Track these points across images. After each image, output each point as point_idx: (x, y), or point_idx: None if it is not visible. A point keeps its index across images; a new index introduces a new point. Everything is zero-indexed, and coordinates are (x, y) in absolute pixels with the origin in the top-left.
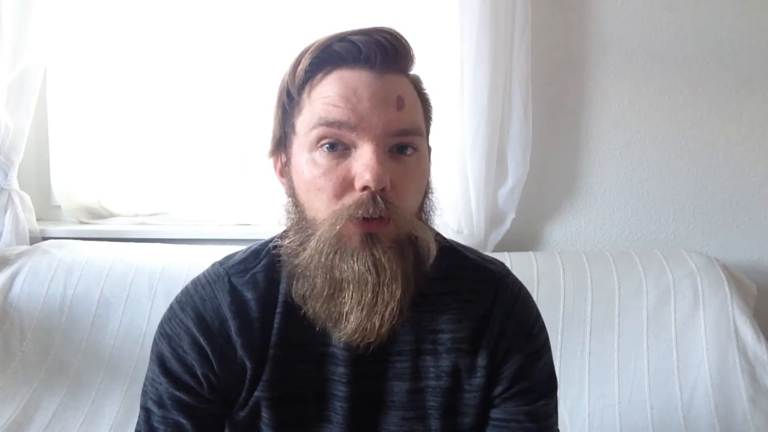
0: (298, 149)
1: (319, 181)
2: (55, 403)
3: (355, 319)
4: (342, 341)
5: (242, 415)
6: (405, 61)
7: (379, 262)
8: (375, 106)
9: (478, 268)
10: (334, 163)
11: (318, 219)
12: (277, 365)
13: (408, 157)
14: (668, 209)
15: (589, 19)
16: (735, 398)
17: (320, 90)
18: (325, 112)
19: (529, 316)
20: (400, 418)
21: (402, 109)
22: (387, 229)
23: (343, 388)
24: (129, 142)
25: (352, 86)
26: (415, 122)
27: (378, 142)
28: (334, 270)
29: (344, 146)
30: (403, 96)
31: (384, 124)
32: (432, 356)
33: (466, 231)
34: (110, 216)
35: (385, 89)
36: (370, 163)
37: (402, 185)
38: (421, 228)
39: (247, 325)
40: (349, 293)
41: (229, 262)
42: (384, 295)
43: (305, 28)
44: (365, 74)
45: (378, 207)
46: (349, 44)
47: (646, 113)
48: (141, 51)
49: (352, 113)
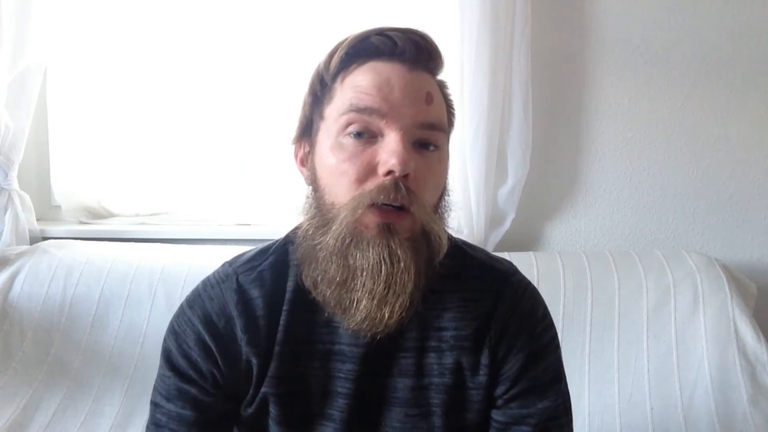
0: (325, 135)
1: (343, 165)
2: (55, 403)
3: (365, 308)
4: (349, 331)
5: (250, 412)
6: (435, 63)
7: (395, 253)
8: (406, 97)
9: (485, 266)
10: (360, 149)
11: (337, 203)
12: (282, 361)
13: (430, 153)
14: (668, 209)
15: (589, 19)
16: (735, 398)
17: (353, 78)
18: (356, 99)
19: (533, 315)
20: (404, 415)
21: (431, 104)
22: (404, 221)
23: (348, 385)
24: (129, 142)
25: (385, 77)
26: (441, 119)
27: (405, 131)
28: (349, 257)
29: (371, 134)
30: (432, 93)
31: (413, 114)
32: (436, 353)
33: (466, 231)
34: (110, 216)
35: (416, 83)
36: (397, 148)
37: (423, 178)
38: (436, 222)
39: (253, 322)
40: (362, 281)
41: (237, 262)
42: (396, 286)
43: (305, 28)
44: (399, 67)
45: (400, 193)
46: (386, 38)
47: (646, 113)
48: (141, 51)
49: (383, 102)
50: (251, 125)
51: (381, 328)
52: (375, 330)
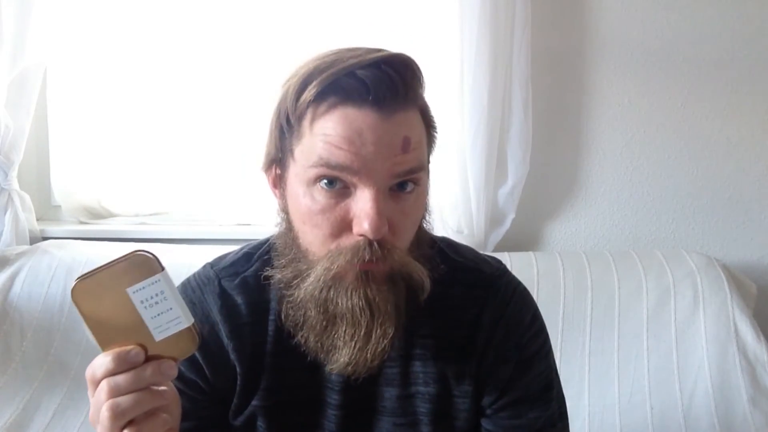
0: (296, 178)
1: (316, 218)
2: (55, 403)
3: (347, 354)
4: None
5: (238, 423)
6: (415, 93)
7: (374, 302)
8: (380, 150)
9: (470, 271)
10: (333, 202)
11: (311, 252)
12: (273, 373)
13: (408, 194)
14: (668, 209)
15: (589, 18)
16: (735, 398)
17: (323, 125)
18: (327, 153)
19: (520, 322)
20: (392, 424)
21: (408, 151)
22: (382, 267)
23: (336, 396)
24: (129, 142)
25: (356, 128)
26: (420, 160)
27: (379, 186)
28: (328, 304)
29: (344, 184)
30: (410, 136)
31: (388, 168)
32: (421, 362)
33: (466, 231)
34: (110, 216)
35: (391, 132)
36: (370, 213)
37: (399, 224)
38: (414, 266)
39: (238, 329)
40: (343, 329)
41: (220, 264)
42: (377, 333)
43: (305, 29)
44: (371, 116)
45: (374, 252)
46: (357, 82)
47: (646, 113)
48: (141, 51)
49: (355, 157)
50: (251, 125)
51: (364, 371)
52: (358, 372)
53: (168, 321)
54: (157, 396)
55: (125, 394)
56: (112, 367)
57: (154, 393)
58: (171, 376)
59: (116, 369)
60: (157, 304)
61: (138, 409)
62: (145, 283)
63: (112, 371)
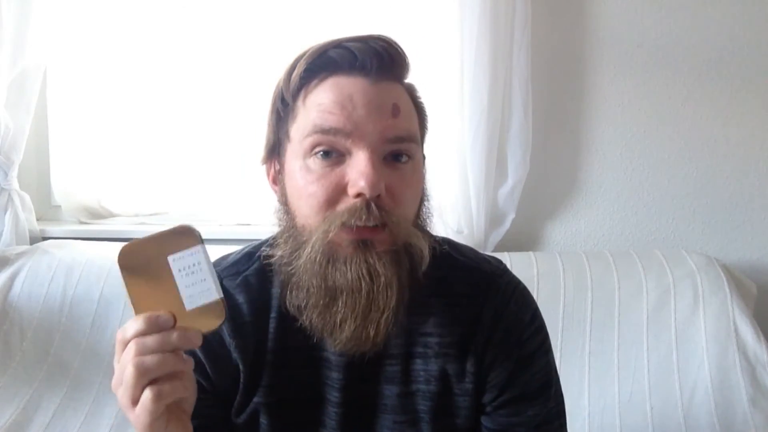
0: (292, 156)
1: (311, 187)
2: (55, 403)
3: (350, 328)
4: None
5: (241, 421)
6: (400, 68)
7: (373, 269)
8: (370, 113)
9: (470, 269)
10: (328, 170)
11: (308, 226)
12: (275, 370)
13: (403, 165)
14: (668, 209)
15: (589, 18)
16: (735, 398)
17: (315, 97)
18: (320, 119)
19: (520, 320)
20: (392, 422)
21: (397, 117)
22: (382, 236)
23: (337, 393)
24: (129, 142)
25: (347, 93)
26: (410, 130)
27: (373, 148)
28: (327, 278)
29: (339, 153)
30: (399, 103)
31: (379, 131)
32: (422, 360)
33: (466, 231)
34: (110, 216)
35: (380, 96)
36: (365, 170)
37: (399, 192)
38: (416, 235)
39: (241, 328)
40: (343, 301)
41: (221, 265)
42: (378, 302)
43: (305, 28)
44: (361, 81)
45: (372, 215)
46: (345, 51)
47: (646, 113)
48: (141, 51)
49: (347, 120)
50: (251, 125)
51: (368, 348)
52: (362, 350)
53: (200, 291)
54: (179, 360)
55: (151, 354)
56: (143, 328)
57: (178, 356)
58: (195, 344)
59: (146, 330)
60: (193, 274)
61: (161, 369)
62: (185, 253)
63: (141, 332)
